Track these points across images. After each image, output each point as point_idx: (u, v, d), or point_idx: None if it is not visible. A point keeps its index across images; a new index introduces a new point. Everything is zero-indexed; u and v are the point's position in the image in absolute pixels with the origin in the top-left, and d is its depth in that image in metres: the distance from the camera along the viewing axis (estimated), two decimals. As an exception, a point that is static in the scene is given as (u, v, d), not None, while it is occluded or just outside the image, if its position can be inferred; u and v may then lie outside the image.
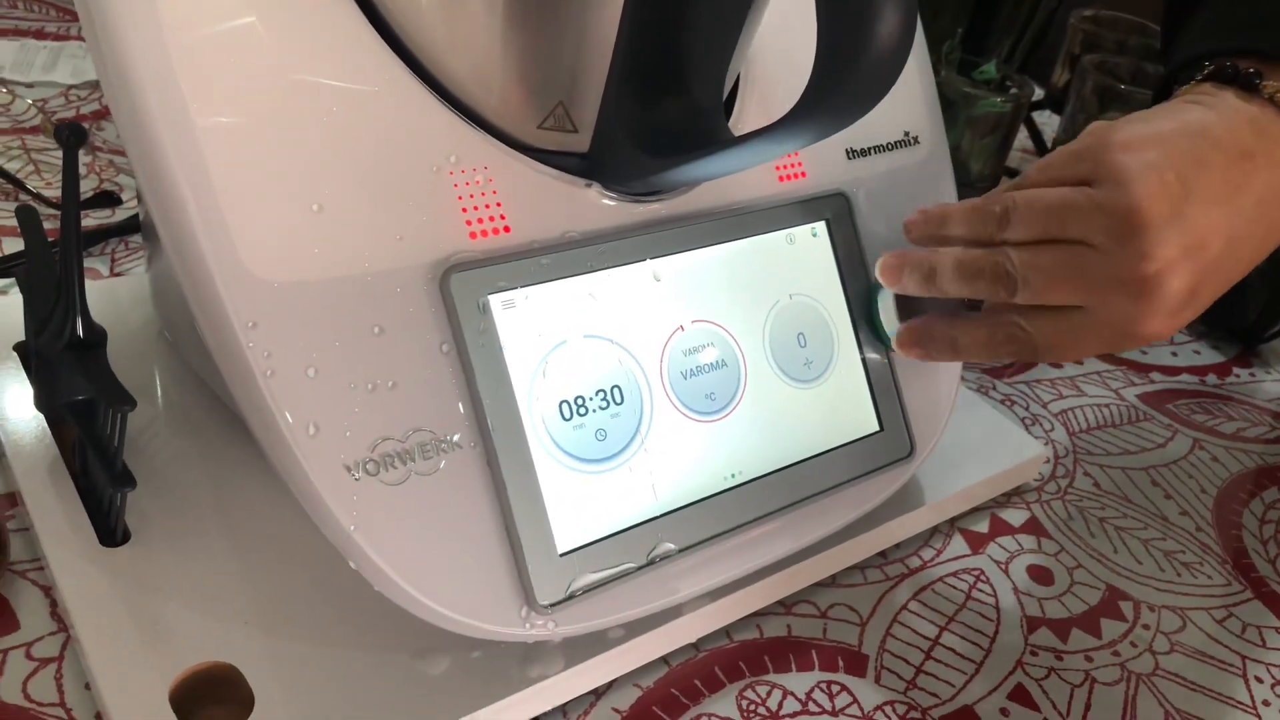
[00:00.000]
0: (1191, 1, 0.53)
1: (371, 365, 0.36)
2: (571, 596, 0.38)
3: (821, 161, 0.48)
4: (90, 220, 0.66)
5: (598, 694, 0.44)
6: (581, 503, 0.39)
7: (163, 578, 0.42)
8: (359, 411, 0.35)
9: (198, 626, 0.40)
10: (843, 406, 0.47)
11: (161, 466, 0.47)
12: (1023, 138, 0.92)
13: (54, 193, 0.68)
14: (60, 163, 0.70)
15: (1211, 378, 0.73)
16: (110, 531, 0.43)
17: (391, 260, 0.36)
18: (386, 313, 0.36)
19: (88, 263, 0.62)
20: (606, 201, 0.41)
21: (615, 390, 0.40)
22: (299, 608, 0.42)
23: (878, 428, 0.48)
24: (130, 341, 0.54)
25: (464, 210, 0.38)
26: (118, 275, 0.62)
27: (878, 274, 0.45)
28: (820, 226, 0.47)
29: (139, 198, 0.59)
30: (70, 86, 0.80)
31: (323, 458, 0.34)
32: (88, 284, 0.57)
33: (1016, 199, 0.41)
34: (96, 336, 0.44)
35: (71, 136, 0.44)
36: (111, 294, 0.57)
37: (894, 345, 0.46)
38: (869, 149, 0.49)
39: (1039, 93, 0.92)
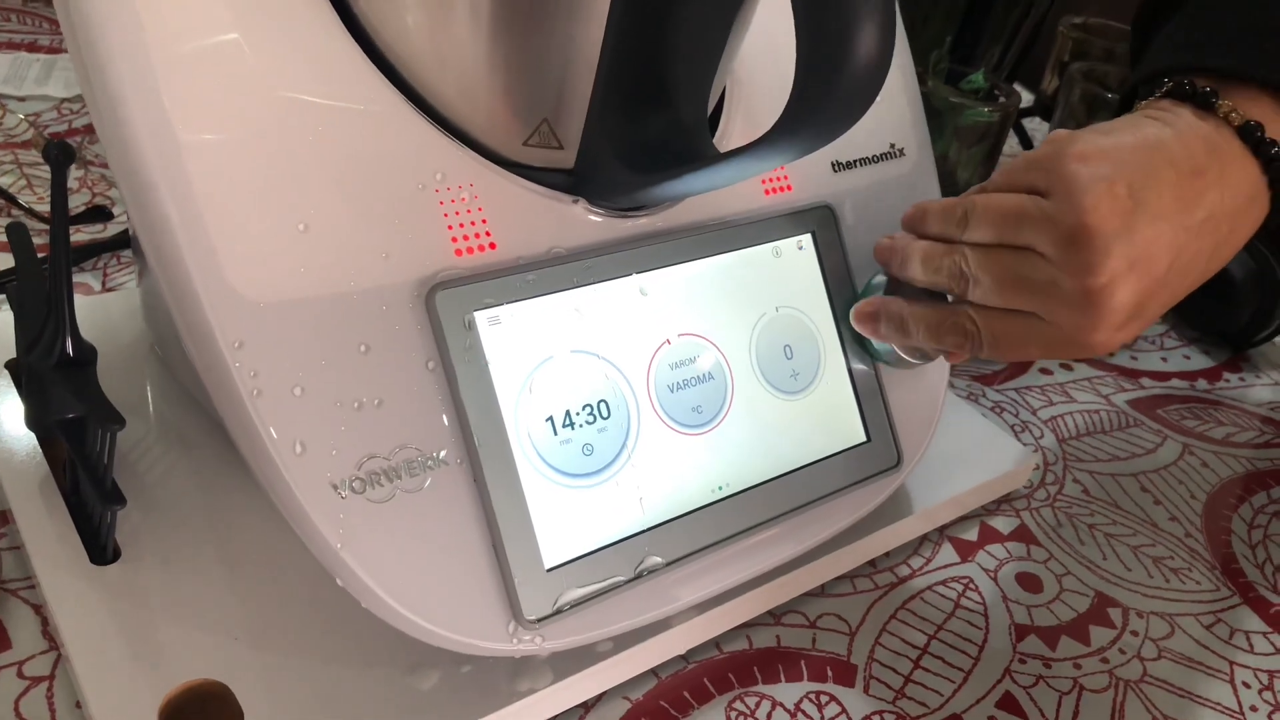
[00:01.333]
0: (1161, 15, 0.53)
1: (357, 383, 0.36)
2: (559, 611, 0.39)
3: (807, 174, 0.48)
4: (82, 235, 0.66)
5: (587, 707, 0.44)
6: (568, 518, 0.39)
7: (153, 595, 0.42)
8: (345, 430, 0.35)
9: (188, 643, 0.41)
10: (830, 417, 0.47)
11: (153, 483, 0.47)
12: (1013, 144, 0.93)
13: (46, 208, 0.68)
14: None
15: (1201, 383, 0.73)
16: (101, 549, 0.43)
17: (377, 278, 0.37)
18: (372, 330, 0.36)
19: (79, 277, 0.62)
20: (592, 217, 0.41)
21: (602, 405, 0.40)
22: (289, 624, 0.42)
23: (865, 438, 0.48)
24: (122, 357, 0.54)
25: (449, 227, 0.38)
26: (110, 290, 0.62)
27: (875, 253, 0.46)
28: (806, 239, 0.47)
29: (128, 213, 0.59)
30: (63, 100, 0.80)
31: (309, 476, 0.35)
32: (79, 300, 0.57)
33: (976, 202, 0.42)
34: (86, 354, 0.45)
35: (60, 155, 0.44)
36: (103, 309, 0.57)
37: (851, 317, 0.47)
38: (854, 161, 0.50)
39: (1028, 99, 0.93)
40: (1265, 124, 0.42)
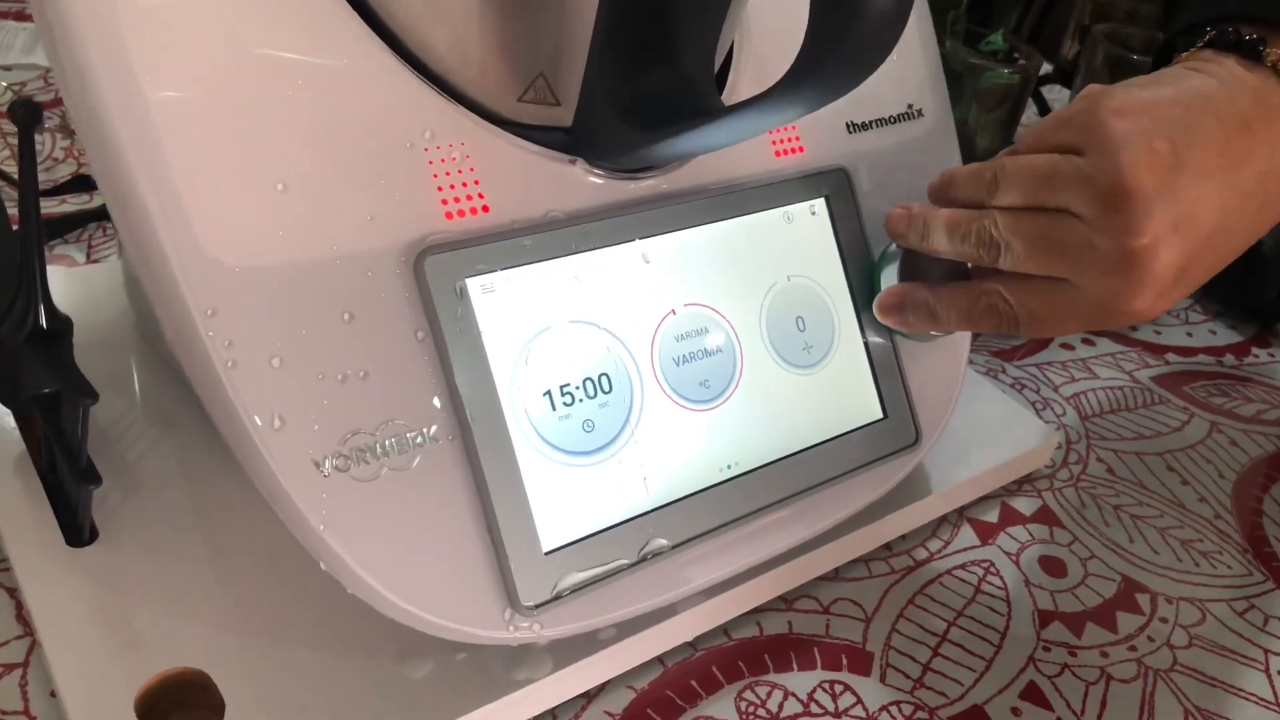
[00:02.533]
0: None
1: (341, 354, 0.33)
2: (558, 597, 0.36)
3: (820, 135, 0.45)
4: (68, 205, 0.64)
5: (589, 697, 0.42)
6: (568, 498, 0.37)
7: (132, 579, 0.40)
8: (328, 403, 0.33)
9: (167, 630, 0.39)
10: (844, 393, 0.45)
11: (134, 462, 0.45)
12: (1033, 113, 0.90)
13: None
14: (41, 147, 0.68)
15: (1229, 358, 0.70)
16: (77, 531, 0.41)
17: (362, 242, 0.34)
18: (357, 298, 0.34)
19: (64, 249, 0.60)
20: (592, 179, 0.39)
21: (603, 378, 0.38)
22: (274, 610, 0.40)
23: (881, 415, 0.46)
24: (105, 331, 0.52)
25: (439, 189, 0.36)
26: (94, 262, 0.60)
27: (885, 224, 0.44)
28: (819, 204, 0.45)
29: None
30: (49, 69, 0.77)
31: (289, 453, 0.32)
32: (60, 272, 0.55)
33: (1006, 164, 0.39)
34: (61, 326, 0.42)
35: (26, 115, 0.41)
36: (85, 282, 0.55)
37: (875, 311, 0.44)
38: (870, 122, 0.47)
39: (1046, 66, 0.90)
40: None
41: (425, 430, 0.35)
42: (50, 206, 0.63)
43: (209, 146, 0.32)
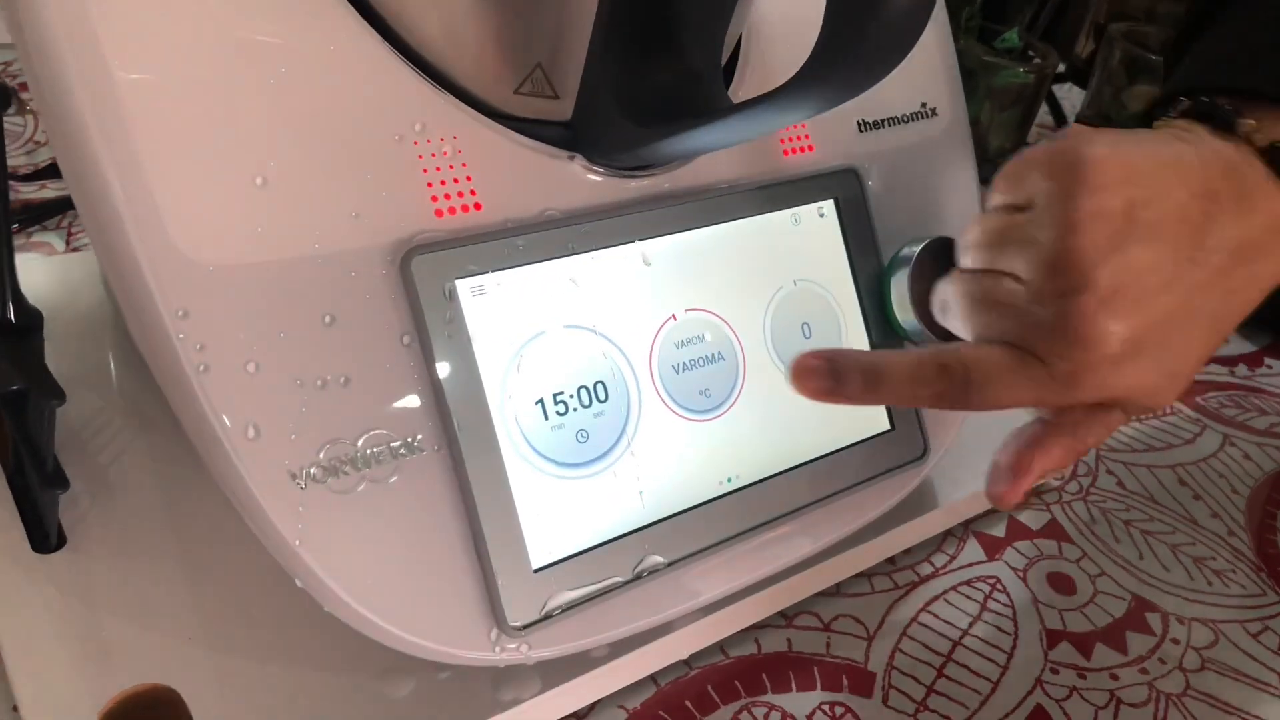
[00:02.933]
0: (1202, 30, 0.48)
1: (321, 359, 0.32)
2: (547, 617, 0.34)
3: (831, 134, 0.43)
4: (49, 191, 0.62)
5: (579, 717, 0.40)
6: (559, 512, 0.35)
7: (100, 588, 0.38)
8: (306, 411, 0.31)
9: (136, 643, 0.37)
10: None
11: (106, 464, 0.43)
12: (1045, 113, 0.88)
13: (14, 161, 0.64)
14: (21, 130, 0.66)
15: (1241, 369, 0.69)
16: (43, 536, 0.39)
17: (345, 240, 0.32)
18: (339, 300, 0.32)
19: (42, 236, 0.58)
20: (591, 176, 0.37)
21: (599, 386, 0.36)
22: (249, 623, 0.38)
23: (888, 426, 0.44)
24: (82, 323, 0.50)
25: (429, 185, 0.34)
26: (75, 250, 0.58)
27: None
28: (828, 205, 0.43)
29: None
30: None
31: (264, 463, 0.30)
32: (36, 260, 0.53)
33: (969, 227, 0.38)
34: (30, 320, 0.40)
35: (-5, 98, 0.39)
36: (63, 270, 0.53)
37: (789, 375, 0.36)
38: (883, 121, 0.45)
39: (1061, 66, 0.88)
40: None
41: (409, 440, 0.33)
42: (30, 191, 0.61)
43: (182, 135, 0.30)
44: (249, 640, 0.37)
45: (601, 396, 0.36)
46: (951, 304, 0.38)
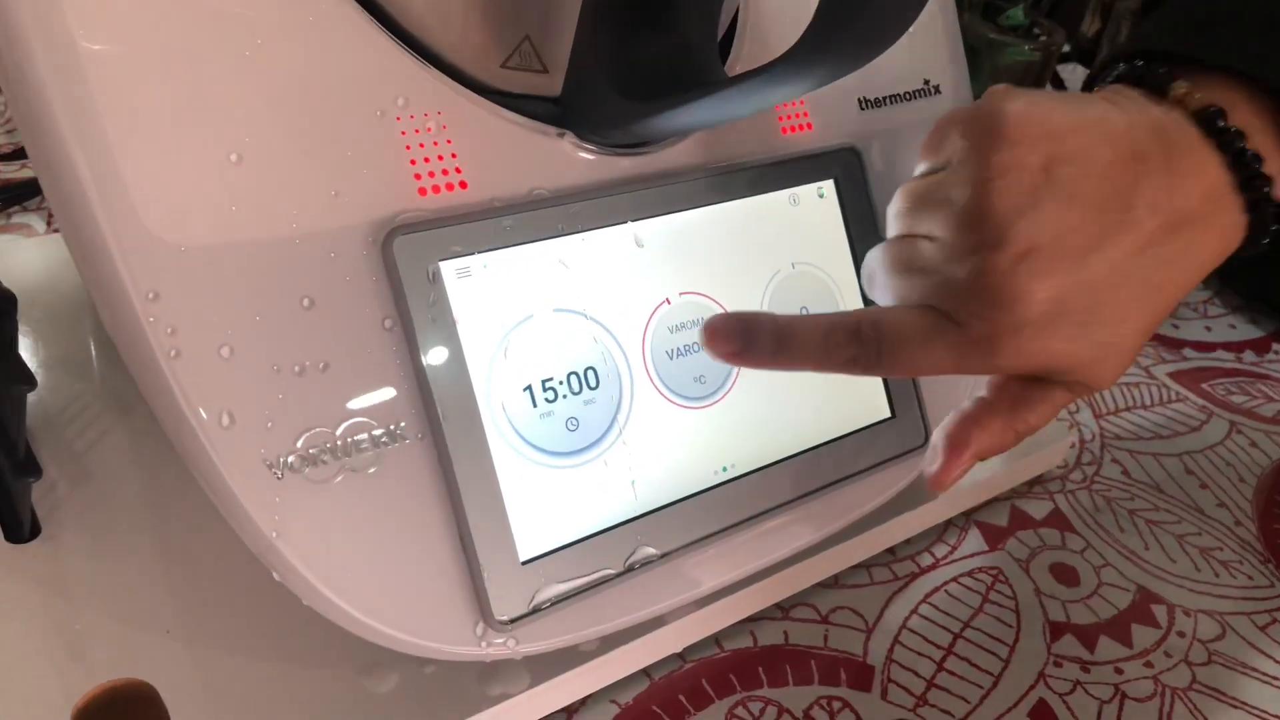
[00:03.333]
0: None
1: (299, 344, 0.30)
2: (535, 610, 0.33)
3: (830, 112, 0.42)
4: (28, 171, 0.60)
5: (570, 712, 0.39)
6: (548, 503, 0.34)
7: (75, 579, 0.37)
8: (283, 398, 0.30)
9: (112, 636, 0.36)
10: (850, 390, 0.42)
11: (83, 451, 0.42)
12: (1046, 93, 0.86)
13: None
14: (4, 109, 0.65)
15: (1249, 354, 0.67)
16: (16, 525, 0.38)
17: (324, 220, 0.31)
18: (318, 282, 0.31)
19: (22, 217, 0.57)
20: (581, 154, 0.36)
21: (589, 372, 0.35)
22: (228, 617, 0.37)
23: (889, 414, 0.42)
24: (62, 306, 0.49)
25: (412, 162, 0.33)
26: (55, 231, 0.57)
27: None
28: (828, 185, 0.41)
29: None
30: None
31: (239, 452, 0.29)
32: (15, 241, 0.52)
33: (897, 194, 0.37)
34: (3, 302, 0.39)
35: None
36: (42, 252, 0.51)
37: (701, 337, 0.36)
38: (884, 99, 0.44)
39: (1065, 45, 0.86)
40: (1231, 113, 0.35)
41: (392, 428, 0.31)
42: (10, 171, 0.60)
43: (151, 109, 0.29)
44: (228, 633, 0.36)
45: (592, 383, 0.35)
46: (875, 273, 0.37)
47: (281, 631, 0.36)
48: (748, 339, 0.35)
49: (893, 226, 0.36)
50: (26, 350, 0.45)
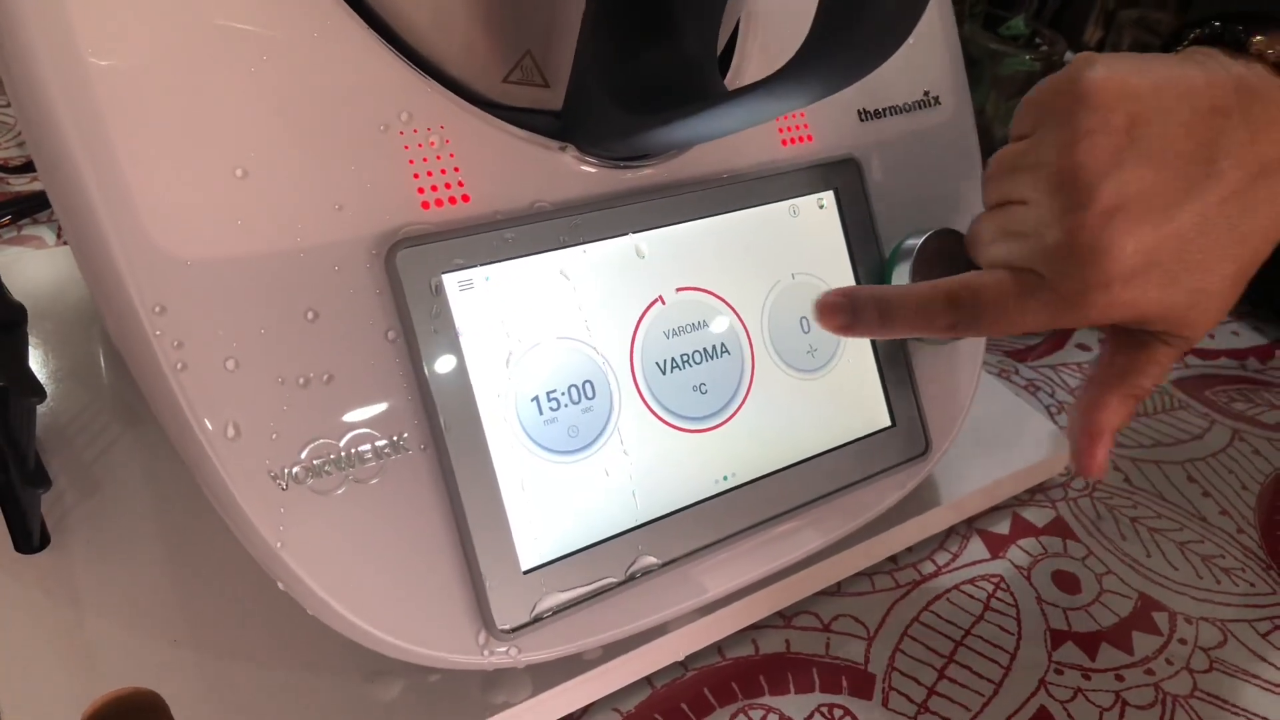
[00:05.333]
0: None
1: (303, 356, 0.31)
2: (537, 619, 0.34)
3: (830, 123, 0.42)
4: (39, 184, 0.61)
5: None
6: (549, 513, 0.34)
7: (84, 589, 0.38)
8: (287, 410, 0.30)
9: (120, 645, 0.36)
10: (851, 399, 0.42)
11: (92, 461, 0.42)
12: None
13: (5, 153, 0.63)
14: (14, 122, 0.65)
15: (1252, 362, 0.67)
16: (26, 535, 0.38)
17: (328, 233, 0.31)
18: (322, 294, 0.31)
19: (33, 230, 0.57)
20: (583, 167, 0.36)
21: (588, 385, 0.35)
22: (235, 625, 0.37)
23: (889, 423, 0.43)
24: (71, 317, 0.49)
25: (415, 176, 0.33)
26: (65, 244, 0.57)
27: None
28: (828, 196, 0.42)
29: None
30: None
31: (244, 463, 0.30)
32: (26, 254, 0.53)
33: (990, 161, 0.38)
34: (14, 315, 0.40)
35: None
36: (52, 264, 0.52)
37: (813, 313, 0.40)
38: (884, 110, 0.44)
39: (1069, 54, 0.86)
40: None
41: (395, 439, 0.32)
42: (21, 184, 0.61)
43: (159, 125, 0.29)
44: (235, 642, 0.37)
45: (590, 394, 0.35)
46: (976, 238, 0.38)
47: (288, 640, 0.37)
48: (854, 313, 0.39)
49: (988, 193, 0.38)
50: (36, 362, 0.45)
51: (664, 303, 0.37)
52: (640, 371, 0.36)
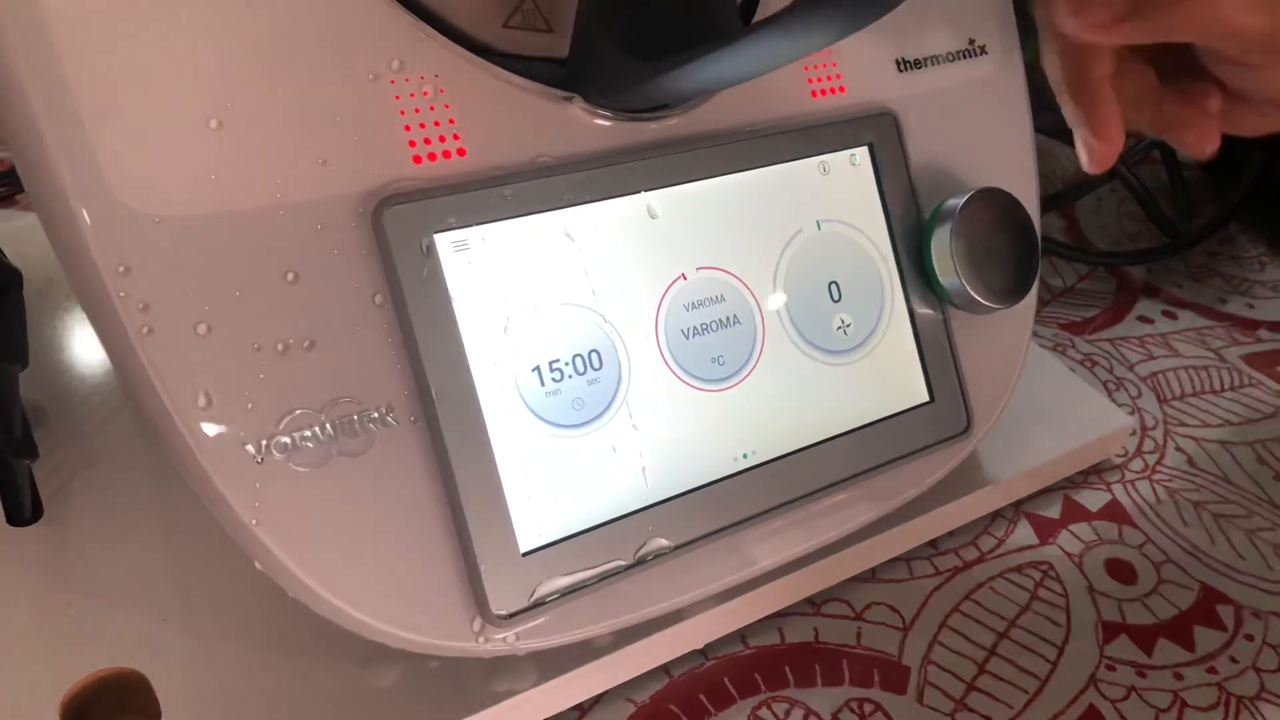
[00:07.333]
0: None
1: (282, 320, 0.29)
2: (537, 605, 0.31)
3: (865, 73, 0.39)
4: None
5: (582, 710, 0.37)
6: (551, 490, 0.32)
7: (76, 564, 0.36)
8: (265, 378, 0.28)
9: (108, 622, 0.35)
10: (885, 372, 0.39)
11: (90, 433, 0.41)
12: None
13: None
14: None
15: (1330, 337, 0.63)
16: (18, 508, 0.37)
17: (311, 190, 0.29)
18: (303, 255, 0.29)
19: (49, 197, 0.56)
20: (590, 119, 0.33)
21: (594, 354, 0.33)
22: (228, 605, 0.36)
23: (927, 398, 0.40)
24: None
25: (407, 128, 0.31)
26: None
27: None
28: (862, 153, 0.39)
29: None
30: None
31: (216, 435, 0.28)
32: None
33: None
34: (8, 278, 0.38)
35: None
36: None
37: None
38: (924, 60, 0.41)
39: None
40: None
41: (382, 410, 0.30)
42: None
43: (125, 71, 0.27)
44: (227, 623, 0.35)
45: (596, 364, 0.33)
46: None
47: (282, 622, 0.35)
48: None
49: None
50: (40, 329, 0.44)
51: (686, 279, 0.35)
52: (665, 338, 0.34)
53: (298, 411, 0.29)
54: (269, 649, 0.35)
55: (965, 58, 0.42)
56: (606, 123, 0.34)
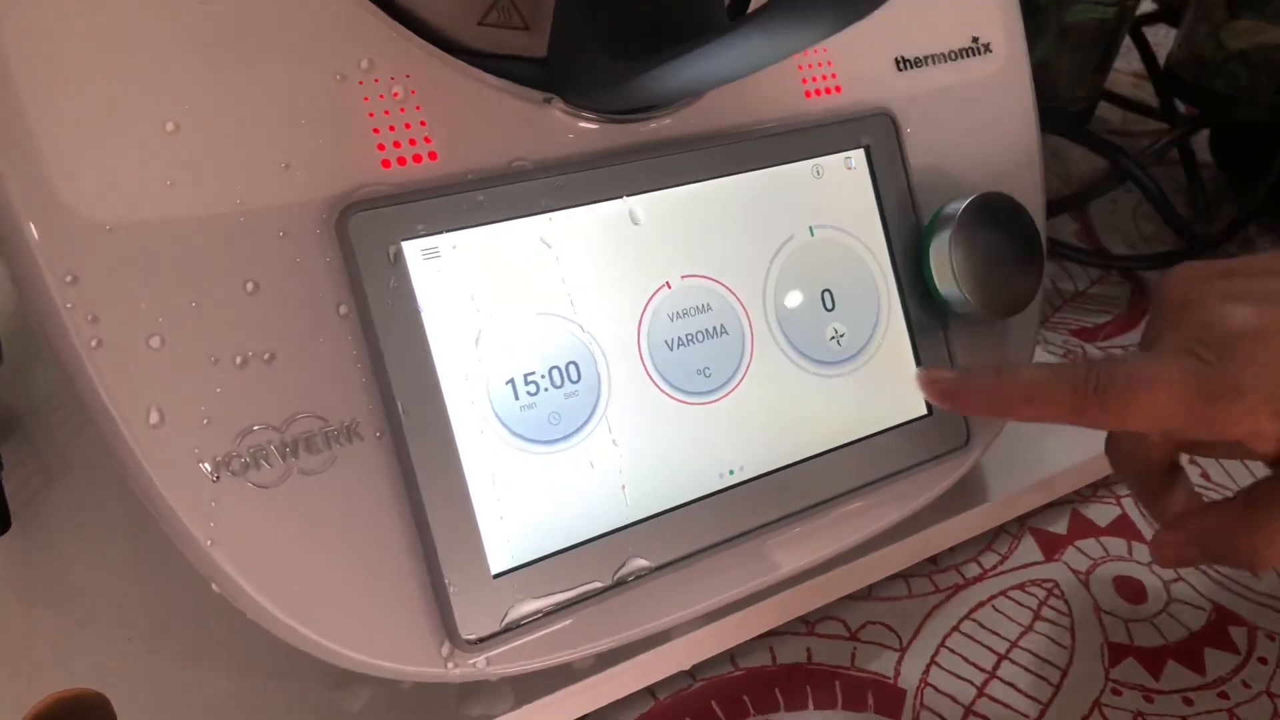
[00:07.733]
0: None
1: (241, 332, 0.27)
2: (509, 629, 0.30)
3: (862, 72, 0.38)
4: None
5: (561, 733, 0.36)
6: (525, 509, 0.30)
7: (39, 576, 0.35)
8: (222, 392, 0.27)
9: (70, 641, 0.34)
10: (881, 384, 0.37)
11: (65, 441, 0.40)
12: (1132, 59, 0.80)
13: None
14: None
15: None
16: (-16, 519, 0.36)
17: (274, 195, 0.28)
18: (263, 263, 0.28)
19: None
20: (569, 121, 0.32)
21: (571, 366, 0.31)
22: (195, 623, 0.34)
23: (925, 411, 0.38)
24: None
25: (375, 131, 0.29)
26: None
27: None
28: (858, 155, 0.37)
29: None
30: None
31: (169, 452, 0.26)
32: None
33: None
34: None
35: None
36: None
37: (919, 383, 0.35)
38: (925, 58, 0.39)
39: (1146, 5, 0.79)
40: None
41: (346, 425, 0.28)
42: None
43: (74, 71, 0.26)
44: (194, 642, 0.34)
45: (574, 377, 0.31)
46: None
47: (250, 643, 0.34)
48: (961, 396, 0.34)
49: None
50: (10, 333, 0.43)
51: (670, 288, 0.33)
52: (647, 349, 0.33)
53: (256, 427, 0.27)
54: (237, 672, 0.33)
55: (968, 56, 0.40)
56: (587, 125, 0.32)
